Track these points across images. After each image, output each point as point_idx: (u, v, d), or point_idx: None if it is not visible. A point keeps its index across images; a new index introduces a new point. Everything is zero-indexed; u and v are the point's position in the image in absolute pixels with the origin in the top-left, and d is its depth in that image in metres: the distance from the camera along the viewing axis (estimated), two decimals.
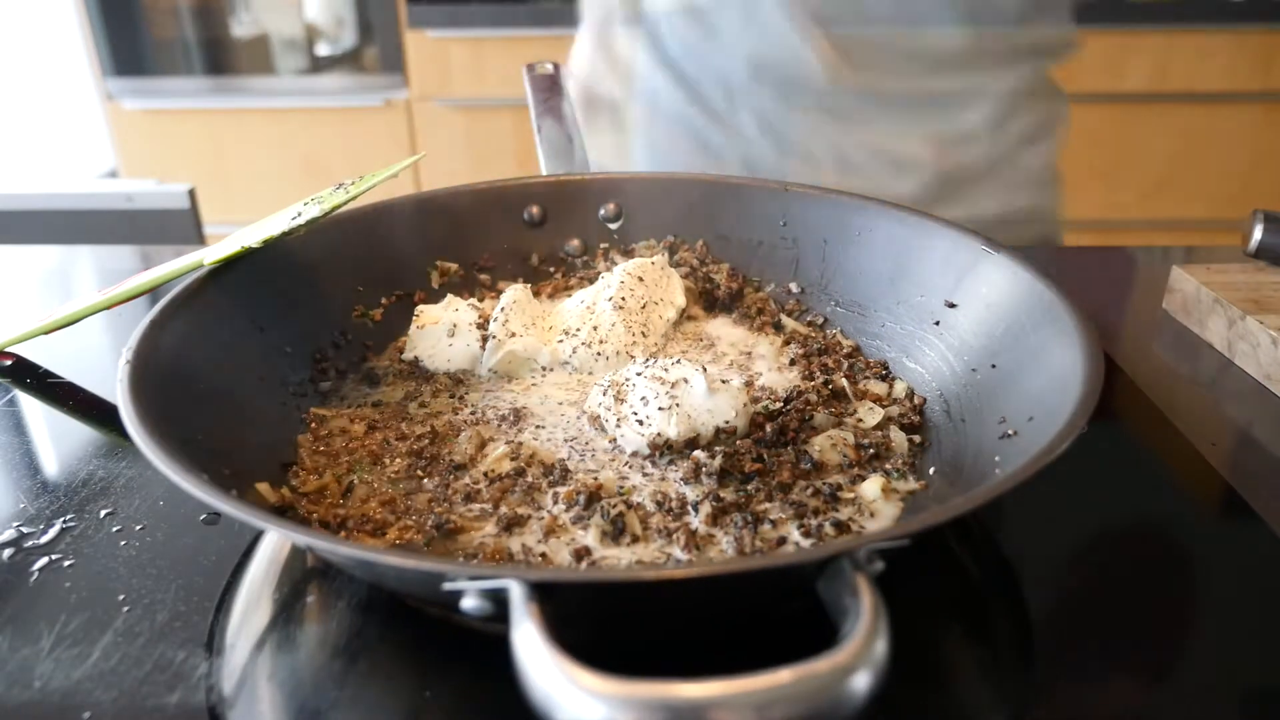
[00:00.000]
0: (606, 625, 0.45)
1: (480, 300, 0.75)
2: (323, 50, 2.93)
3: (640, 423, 0.57)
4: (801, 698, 0.30)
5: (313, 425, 0.61)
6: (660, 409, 0.57)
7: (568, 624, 0.33)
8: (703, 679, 0.30)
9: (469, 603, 0.36)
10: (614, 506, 0.51)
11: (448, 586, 0.36)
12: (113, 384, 0.48)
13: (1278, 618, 0.49)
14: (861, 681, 0.31)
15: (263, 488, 0.52)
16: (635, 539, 0.50)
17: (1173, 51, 2.54)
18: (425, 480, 0.55)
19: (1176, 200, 2.74)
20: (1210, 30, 2.52)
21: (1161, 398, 0.70)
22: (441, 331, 0.68)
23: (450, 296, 0.72)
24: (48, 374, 0.73)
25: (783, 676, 0.30)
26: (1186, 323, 0.83)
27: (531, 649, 0.32)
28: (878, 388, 0.65)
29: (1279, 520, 0.56)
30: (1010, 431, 0.53)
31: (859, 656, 0.31)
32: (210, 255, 0.62)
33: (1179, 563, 0.53)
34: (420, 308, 0.71)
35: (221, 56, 2.91)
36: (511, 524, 0.51)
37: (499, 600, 0.35)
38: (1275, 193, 2.70)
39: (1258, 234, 0.83)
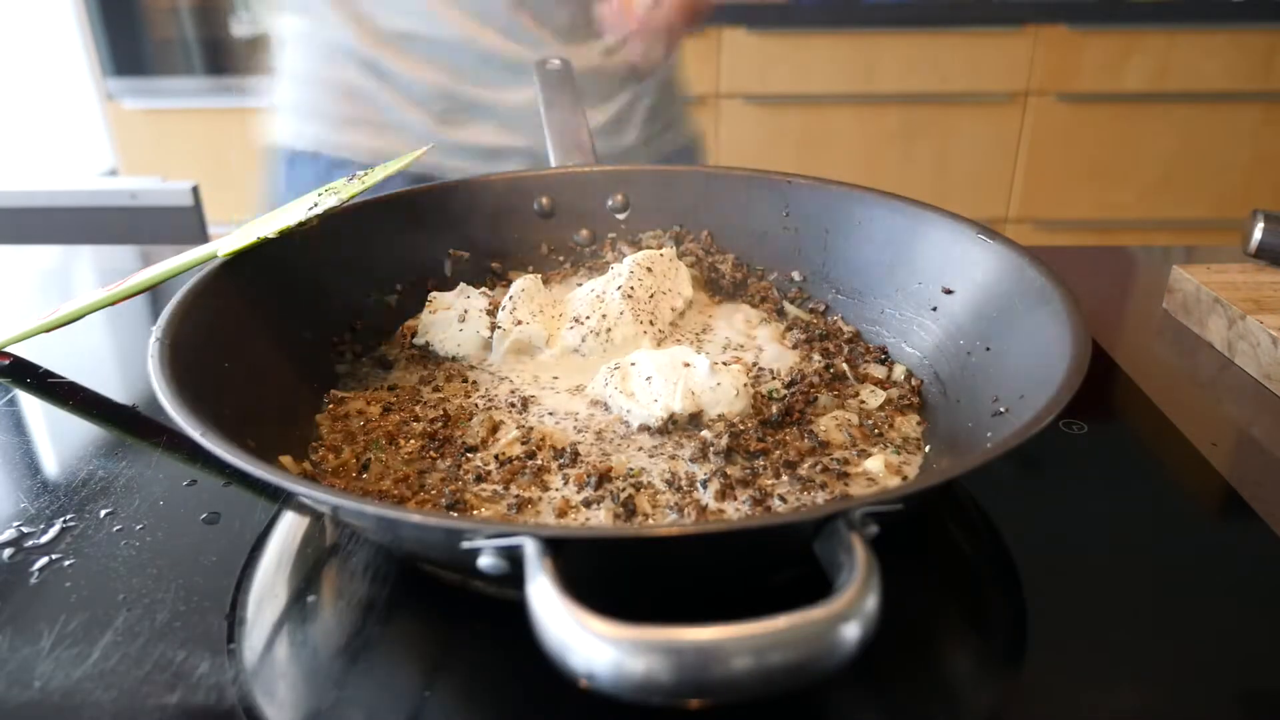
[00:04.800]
0: (615, 585, 0.46)
1: (491, 288, 0.76)
2: None
3: (646, 399, 0.59)
4: (796, 643, 0.32)
5: (331, 406, 0.63)
6: (665, 385, 0.59)
7: (579, 590, 0.34)
8: (705, 624, 0.32)
9: (485, 560, 0.37)
10: (624, 490, 0.52)
11: (465, 545, 0.37)
12: (113, 384, 0.48)
13: (1278, 618, 0.49)
14: (852, 631, 0.33)
15: (286, 460, 0.54)
16: (646, 517, 0.51)
17: (1173, 51, 2.54)
18: (438, 461, 0.57)
19: (1176, 200, 2.74)
20: (1210, 30, 2.52)
21: (1161, 398, 0.70)
22: (453, 318, 0.69)
23: (462, 284, 0.74)
24: (48, 374, 0.73)
25: (779, 623, 0.32)
26: (1186, 323, 0.83)
27: (545, 600, 0.34)
28: (877, 371, 0.67)
29: (1279, 520, 0.56)
30: (1002, 409, 0.54)
31: (851, 606, 0.33)
32: (225, 246, 0.63)
33: (1179, 563, 0.53)
34: (433, 294, 0.72)
35: (221, 56, 2.91)
36: (522, 505, 0.52)
37: (514, 558, 0.37)
38: (1275, 193, 2.70)
39: (1258, 234, 0.83)
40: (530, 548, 0.36)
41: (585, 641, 0.32)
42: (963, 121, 2.65)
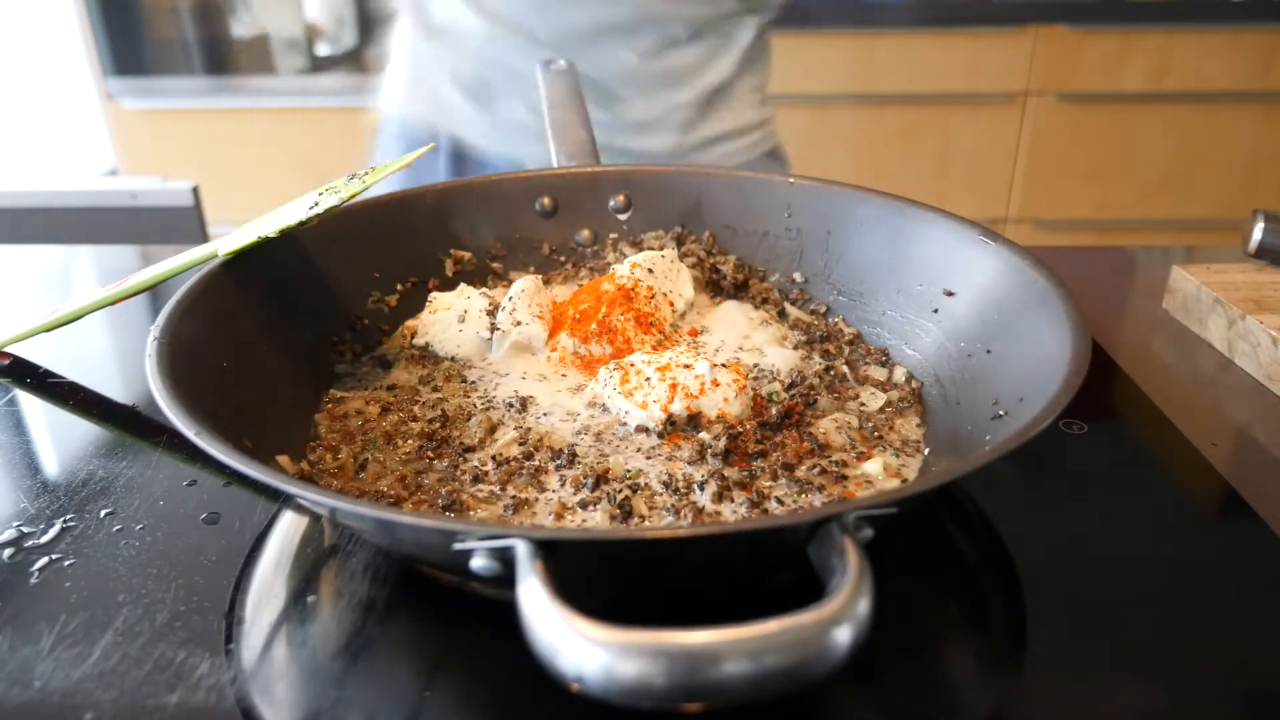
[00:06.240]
0: (611, 588, 0.46)
1: (492, 289, 0.76)
2: (323, 50, 2.93)
3: (645, 401, 0.59)
4: (788, 646, 0.32)
5: (329, 405, 0.63)
6: (664, 387, 0.60)
7: (572, 595, 0.34)
8: (697, 628, 0.32)
9: (478, 562, 0.37)
10: (620, 492, 0.52)
11: (458, 546, 0.37)
12: (113, 384, 0.48)
13: (1278, 618, 0.49)
14: (844, 635, 0.33)
15: (283, 460, 0.54)
16: (642, 519, 0.51)
17: (1173, 51, 2.54)
18: (436, 461, 0.57)
19: (1176, 200, 2.74)
20: (1210, 30, 2.52)
21: (1161, 398, 0.70)
22: (453, 318, 0.70)
23: (463, 285, 0.74)
24: (48, 374, 0.73)
25: (770, 626, 0.32)
26: (1186, 323, 0.83)
27: (535, 602, 0.34)
28: (878, 373, 0.67)
29: (1279, 520, 0.56)
30: (1002, 412, 0.54)
31: (842, 610, 0.33)
32: (226, 246, 0.63)
33: (1179, 563, 0.53)
34: (433, 294, 0.73)
35: (221, 56, 2.91)
36: (519, 506, 0.52)
37: (506, 560, 0.37)
38: (1275, 193, 2.70)
39: (1258, 234, 0.83)
40: (521, 549, 0.36)
41: (575, 644, 0.32)
42: (963, 121, 2.65)
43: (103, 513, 0.56)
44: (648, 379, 0.60)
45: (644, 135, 1.15)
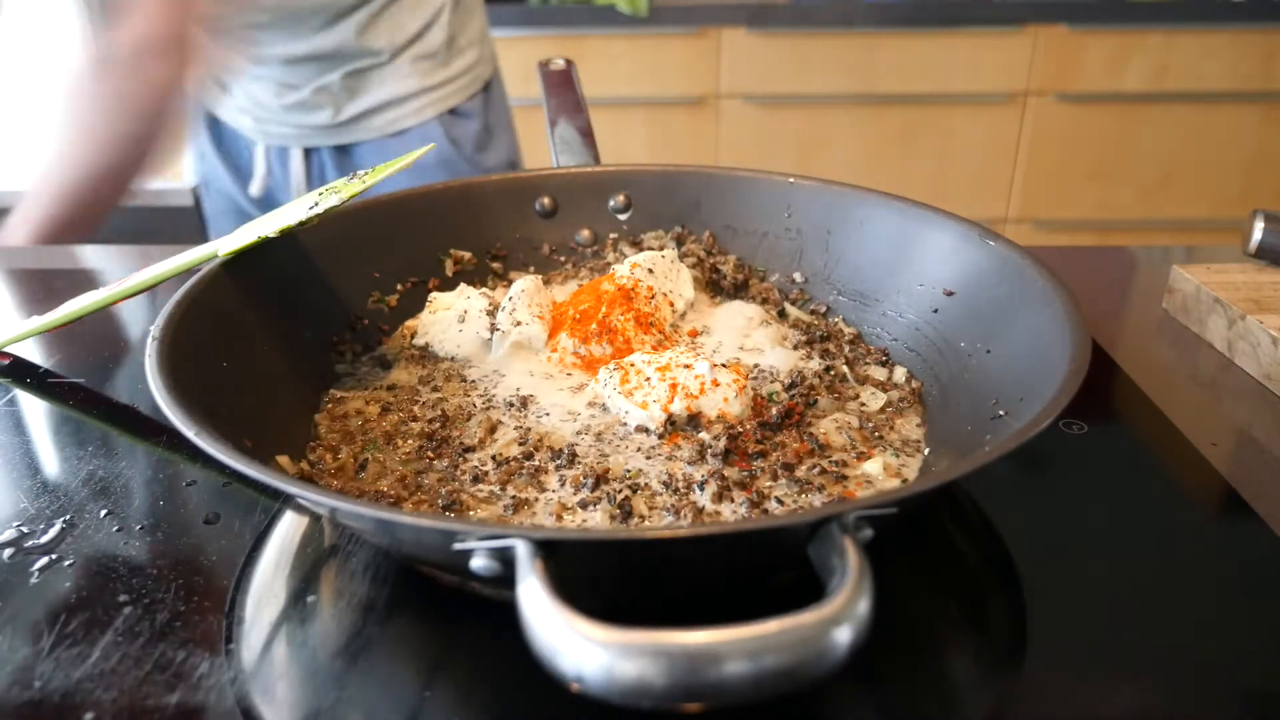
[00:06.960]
0: (612, 588, 0.46)
1: (492, 289, 0.76)
2: None
3: (645, 401, 0.59)
4: (788, 646, 0.32)
5: (329, 405, 0.63)
6: (664, 387, 0.60)
7: (572, 595, 0.34)
8: (697, 628, 0.32)
9: (478, 562, 0.37)
10: (620, 492, 0.52)
11: (458, 546, 0.37)
12: (113, 384, 0.48)
13: (1278, 618, 0.49)
14: (844, 635, 0.33)
15: (283, 460, 0.54)
16: (642, 519, 0.51)
17: (1173, 51, 2.54)
18: (435, 461, 0.57)
19: (1176, 200, 2.74)
20: (1210, 30, 2.52)
21: (1161, 398, 0.70)
22: (453, 318, 0.70)
23: (463, 285, 0.74)
24: (48, 374, 0.73)
25: (770, 627, 0.32)
26: (1186, 323, 0.83)
27: (535, 602, 0.34)
28: (878, 373, 0.67)
29: (1279, 520, 0.56)
30: (1001, 413, 0.54)
31: (843, 610, 0.33)
32: (225, 246, 0.63)
33: (1179, 563, 0.53)
34: (433, 295, 0.73)
35: None
36: (519, 506, 0.52)
37: (506, 560, 0.37)
38: (1275, 193, 2.70)
39: (1258, 234, 0.83)
40: (521, 549, 0.36)
41: (575, 644, 0.32)
42: (963, 121, 2.65)
43: (103, 513, 0.56)
44: (648, 379, 0.60)
45: (301, 113, 1.33)
